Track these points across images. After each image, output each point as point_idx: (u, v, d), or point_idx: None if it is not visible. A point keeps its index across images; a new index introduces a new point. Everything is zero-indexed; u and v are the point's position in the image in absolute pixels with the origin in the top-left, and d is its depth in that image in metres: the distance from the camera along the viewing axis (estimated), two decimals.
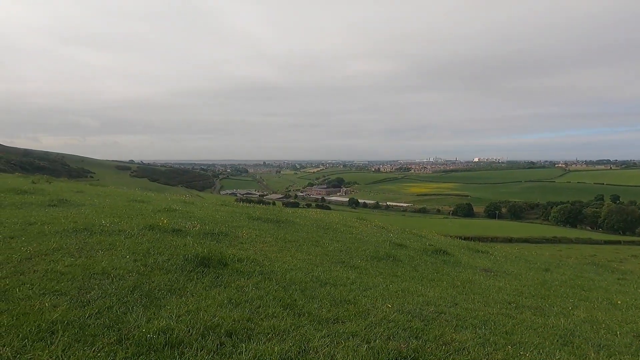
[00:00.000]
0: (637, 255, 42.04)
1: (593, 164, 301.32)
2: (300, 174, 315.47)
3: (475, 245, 13.24)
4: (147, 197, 13.78)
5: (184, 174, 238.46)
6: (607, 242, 63.70)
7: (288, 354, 3.30)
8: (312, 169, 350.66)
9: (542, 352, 3.95)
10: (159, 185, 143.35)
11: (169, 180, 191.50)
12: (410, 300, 5.24)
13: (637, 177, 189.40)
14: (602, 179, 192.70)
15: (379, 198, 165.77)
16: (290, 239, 8.51)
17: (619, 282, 9.38)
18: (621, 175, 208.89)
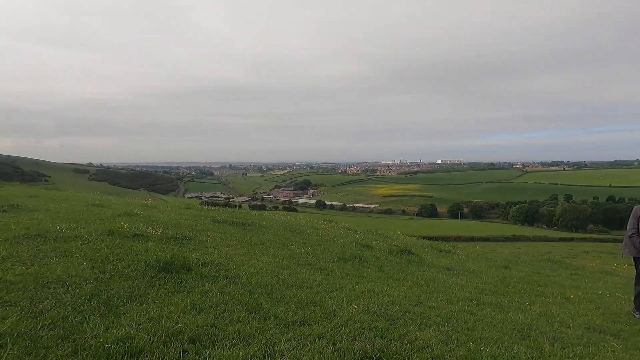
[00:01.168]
0: (589, 251, 44.38)
1: (548, 165, 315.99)
2: (267, 177, 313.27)
3: (439, 245, 13.58)
4: (106, 201, 13.27)
5: (147, 176, 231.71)
6: (562, 240, 66.87)
7: (253, 359, 3.25)
8: (279, 171, 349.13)
9: (502, 347, 4.09)
10: (119, 189, 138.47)
11: (131, 183, 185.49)
12: (376, 300, 5.30)
13: (588, 178, 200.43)
14: (556, 180, 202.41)
15: (346, 200, 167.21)
16: (256, 241, 8.43)
17: (572, 277, 9.86)
18: (574, 175, 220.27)
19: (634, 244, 6.22)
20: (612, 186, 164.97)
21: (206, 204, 27.31)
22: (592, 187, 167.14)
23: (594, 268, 13.60)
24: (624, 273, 12.46)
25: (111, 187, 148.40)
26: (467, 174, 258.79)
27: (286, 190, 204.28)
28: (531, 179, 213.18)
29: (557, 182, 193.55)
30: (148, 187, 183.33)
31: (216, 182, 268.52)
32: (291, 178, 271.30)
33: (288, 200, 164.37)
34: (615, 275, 11.56)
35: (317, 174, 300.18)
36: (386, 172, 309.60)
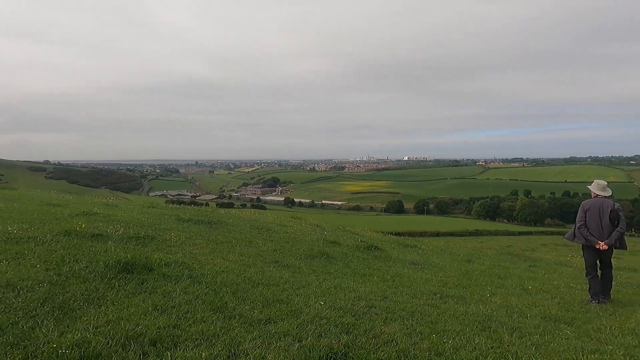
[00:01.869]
0: (546, 244, 46.45)
1: (509, 161, 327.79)
2: (234, 174, 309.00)
3: (405, 240, 13.83)
4: (63, 200, 12.69)
5: (109, 175, 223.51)
6: (521, 233, 69.65)
7: (217, 359, 3.19)
8: (246, 169, 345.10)
9: (463, 338, 4.20)
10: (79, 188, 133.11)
11: (92, 181, 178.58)
12: (342, 296, 5.33)
13: (546, 174, 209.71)
14: (516, 176, 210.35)
15: (315, 197, 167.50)
16: (222, 240, 8.30)
17: (530, 269, 10.26)
18: (532, 172, 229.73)
19: (582, 234, 6.77)
20: (567, 182, 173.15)
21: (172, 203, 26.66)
22: (549, 183, 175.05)
23: (550, 260, 14.21)
24: (578, 264, 13.09)
25: (70, 185, 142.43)
26: (433, 171, 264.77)
27: (254, 188, 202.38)
28: (493, 175, 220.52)
29: (517, 178, 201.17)
30: (110, 186, 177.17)
31: (182, 180, 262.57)
32: (259, 175, 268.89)
33: (256, 197, 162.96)
34: (569, 267, 12.13)
35: (285, 171, 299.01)
36: (354, 169, 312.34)
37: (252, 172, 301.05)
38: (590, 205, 6.81)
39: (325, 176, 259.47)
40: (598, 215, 6.68)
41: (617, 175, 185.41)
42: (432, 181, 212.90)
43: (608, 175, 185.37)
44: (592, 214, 6.73)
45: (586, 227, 6.73)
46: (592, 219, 6.72)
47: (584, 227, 6.75)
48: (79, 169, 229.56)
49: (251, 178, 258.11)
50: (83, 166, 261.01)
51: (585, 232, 6.72)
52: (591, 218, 6.73)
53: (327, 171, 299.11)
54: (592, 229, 6.70)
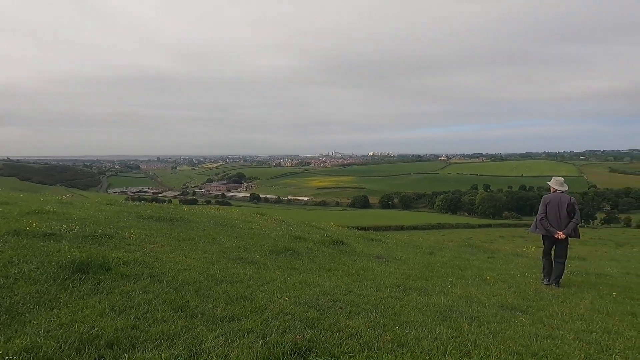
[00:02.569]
0: (504, 236, 48.49)
1: (469, 157, 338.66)
2: (198, 170, 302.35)
3: (370, 234, 14.00)
4: (12, 199, 11.99)
5: (64, 171, 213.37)
6: (481, 226, 72.33)
7: (178, 359, 3.11)
8: (211, 165, 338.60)
9: (425, 329, 4.30)
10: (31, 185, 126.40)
11: (45, 178, 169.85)
12: (308, 291, 5.32)
13: (503, 168, 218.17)
14: (476, 170, 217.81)
15: (281, 192, 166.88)
16: (184, 237, 8.10)
17: (488, 260, 10.64)
18: (491, 166, 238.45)
19: (544, 225, 7.48)
20: (524, 176, 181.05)
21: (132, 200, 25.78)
22: (507, 177, 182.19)
23: (507, 251, 14.80)
24: (532, 254, 13.73)
25: (21, 182, 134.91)
26: (397, 166, 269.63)
27: (219, 184, 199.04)
28: (454, 170, 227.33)
29: (477, 172, 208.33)
30: (66, 183, 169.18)
31: (143, 177, 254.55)
32: (224, 171, 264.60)
33: (221, 194, 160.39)
34: (525, 257, 12.67)
35: (251, 167, 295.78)
36: (320, 165, 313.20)
37: (217, 168, 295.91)
38: (551, 199, 7.51)
39: (291, 172, 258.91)
40: (557, 208, 7.41)
41: (568, 170, 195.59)
42: (396, 176, 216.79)
43: (560, 169, 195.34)
44: (552, 207, 7.45)
45: (546, 219, 7.44)
46: (552, 211, 7.44)
47: (544, 219, 7.47)
48: (30, 165, 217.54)
49: (216, 174, 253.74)
50: (35, 162, 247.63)
51: (545, 223, 7.44)
52: (551, 211, 7.44)
53: (293, 167, 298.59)
54: (552, 221, 7.43)
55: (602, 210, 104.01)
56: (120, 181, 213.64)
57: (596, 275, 8.99)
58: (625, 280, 8.78)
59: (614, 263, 14.38)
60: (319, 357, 3.38)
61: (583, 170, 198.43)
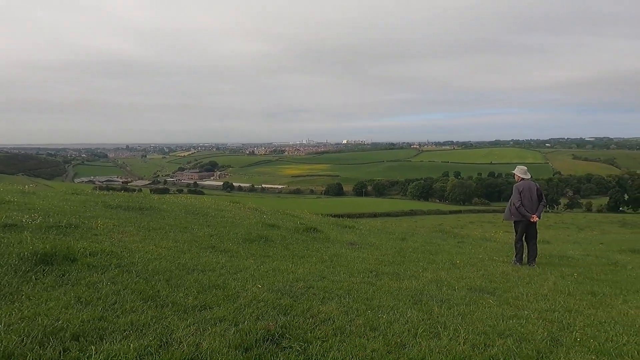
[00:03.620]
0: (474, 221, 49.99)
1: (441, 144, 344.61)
2: (169, 158, 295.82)
3: (344, 222, 14.11)
4: None
5: (27, 160, 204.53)
6: (452, 212, 74.14)
7: (148, 350, 3.05)
8: (182, 153, 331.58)
9: (397, 313, 4.38)
10: None
11: (6, 167, 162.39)
12: (281, 278, 5.32)
13: (474, 156, 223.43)
14: (447, 158, 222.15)
15: (254, 181, 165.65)
16: (155, 226, 7.93)
17: (458, 245, 10.91)
18: (462, 154, 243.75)
19: (521, 211, 8.08)
20: (493, 163, 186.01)
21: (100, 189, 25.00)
22: (477, 164, 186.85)
23: (477, 236, 15.23)
24: (501, 239, 14.19)
25: None
26: (370, 154, 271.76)
27: (191, 173, 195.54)
28: (426, 158, 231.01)
29: (448, 160, 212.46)
30: (29, 172, 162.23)
31: (112, 165, 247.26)
32: (196, 159, 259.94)
33: (193, 182, 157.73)
34: (493, 241, 13.08)
35: (224, 155, 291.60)
36: (294, 153, 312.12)
37: (189, 157, 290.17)
38: (524, 187, 8.14)
39: (265, 160, 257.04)
40: (529, 195, 8.13)
41: (535, 157, 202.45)
42: (370, 164, 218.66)
43: (527, 156, 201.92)
44: (525, 194, 8.14)
45: (522, 206, 8.06)
46: (526, 198, 8.13)
47: (522, 206, 8.07)
48: None
49: (187, 162, 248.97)
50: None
51: (522, 210, 8.08)
52: (525, 197, 8.07)
53: (267, 155, 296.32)
54: (526, 207, 8.10)
55: (566, 196, 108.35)
56: (87, 170, 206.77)
57: (559, 258, 9.37)
58: (586, 261, 9.19)
59: (576, 246, 15.06)
60: (292, 342, 3.39)
61: (548, 157, 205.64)
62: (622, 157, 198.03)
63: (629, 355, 3.71)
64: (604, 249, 13.81)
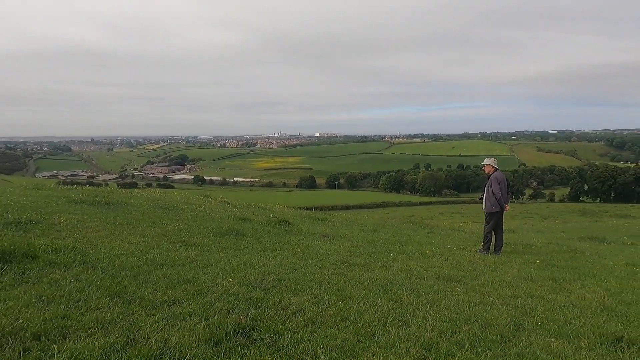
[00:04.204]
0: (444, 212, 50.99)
1: (411, 137, 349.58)
2: (137, 152, 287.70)
3: (316, 214, 14.15)
4: None
5: None
6: (422, 204, 75.47)
7: (114, 347, 2.98)
8: (151, 146, 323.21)
9: (367, 302, 4.44)
10: None
11: None
12: (252, 271, 5.30)
13: (444, 148, 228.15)
14: (418, 150, 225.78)
15: (226, 174, 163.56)
16: (122, 221, 7.72)
17: (428, 235, 11.15)
18: (432, 146, 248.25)
19: (500, 202, 8.29)
20: (461, 155, 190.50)
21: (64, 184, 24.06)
22: (446, 157, 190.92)
23: (446, 226, 15.59)
24: (469, 229, 14.59)
25: None
26: (343, 147, 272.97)
27: (160, 166, 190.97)
28: (398, 150, 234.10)
29: (419, 152, 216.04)
30: None
31: (76, 159, 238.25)
32: (165, 153, 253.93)
33: (163, 176, 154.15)
34: (462, 231, 13.43)
35: (194, 148, 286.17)
36: (267, 146, 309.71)
37: (158, 150, 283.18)
38: (501, 178, 8.42)
39: (237, 153, 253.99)
40: (504, 186, 8.42)
41: (502, 149, 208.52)
42: (342, 156, 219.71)
43: (494, 149, 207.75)
44: (502, 185, 8.37)
45: (502, 197, 8.30)
46: (503, 189, 8.37)
47: (501, 197, 8.27)
48: None
49: (157, 156, 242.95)
50: None
51: (501, 200, 8.30)
52: (502, 188, 8.34)
53: (239, 148, 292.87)
54: (503, 197, 8.35)
55: (530, 187, 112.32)
56: (49, 164, 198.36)
57: (523, 246, 9.72)
58: (548, 249, 9.57)
59: (539, 234, 15.66)
60: (263, 335, 3.39)
61: (514, 149, 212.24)
62: (583, 149, 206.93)
63: (585, 336, 3.90)
64: (565, 237, 14.42)
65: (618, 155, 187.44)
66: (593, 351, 3.60)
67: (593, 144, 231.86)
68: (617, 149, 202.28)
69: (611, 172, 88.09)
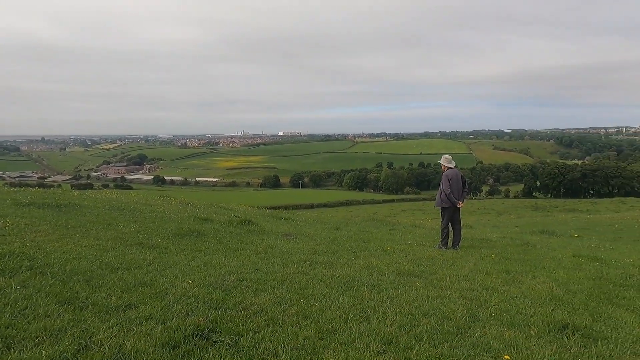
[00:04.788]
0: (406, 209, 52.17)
1: (374, 136, 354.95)
2: (92, 151, 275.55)
3: (279, 213, 14.10)
4: None
5: None
6: (385, 201, 76.84)
7: (63, 355, 2.84)
8: (107, 145, 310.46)
9: (329, 300, 4.47)
10: None
11: None
12: (213, 272, 5.21)
13: (406, 147, 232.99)
14: (381, 149, 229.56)
15: (188, 174, 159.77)
16: (74, 224, 7.38)
17: (390, 232, 11.36)
18: (395, 145, 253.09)
19: (450, 199, 8.51)
20: (422, 154, 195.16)
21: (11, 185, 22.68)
22: (408, 155, 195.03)
23: (407, 223, 15.95)
24: (429, 225, 14.99)
25: None
26: (307, 145, 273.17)
27: (117, 166, 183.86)
28: (361, 149, 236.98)
29: (382, 151, 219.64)
30: None
31: (25, 160, 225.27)
32: (123, 152, 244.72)
33: (120, 177, 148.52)
34: (422, 228, 13.78)
35: (153, 148, 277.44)
36: (229, 145, 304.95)
37: (115, 149, 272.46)
38: (452, 176, 8.62)
39: (199, 152, 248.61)
40: (456, 182, 8.60)
41: (460, 148, 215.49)
42: (306, 155, 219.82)
43: (453, 147, 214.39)
44: (454, 182, 8.55)
45: (452, 193, 8.50)
46: (455, 186, 8.58)
47: (451, 193, 8.51)
48: None
49: (113, 155, 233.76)
50: None
51: (452, 196, 8.53)
52: (453, 185, 8.56)
53: (201, 147, 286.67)
54: (454, 194, 8.56)
55: (487, 184, 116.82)
56: None
57: (480, 241, 10.10)
58: (502, 243, 9.99)
59: (495, 229, 16.32)
60: (223, 336, 3.34)
61: (472, 148, 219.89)
62: (535, 147, 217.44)
63: (535, 324, 4.11)
64: (518, 232, 15.11)
65: (567, 152, 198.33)
66: (542, 338, 3.79)
67: (544, 142, 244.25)
68: (566, 147, 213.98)
69: (560, 169, 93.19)
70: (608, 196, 74.51)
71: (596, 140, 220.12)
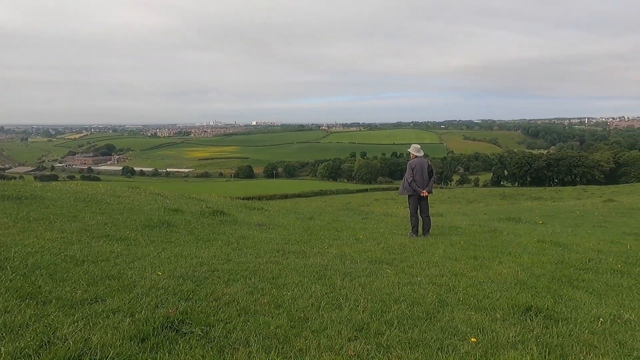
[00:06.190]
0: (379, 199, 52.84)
1: (348, 126, 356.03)
2: (57, 141, 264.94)
3: (252, 204, 13.97)
4: None
5: None
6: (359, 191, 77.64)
7: (25, 352, 2.74)
8: (73, 135, 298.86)
9: (302, 289, 4.49)
10: None
11: None
12: (183, 263, 5.13)
13: (379, 137, 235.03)
14: (354, 139, 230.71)
15: (158, 165, 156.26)
16: (37, 217, 7.09)
17: (363, 221, 11.47)
18: (368, 135, 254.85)
19: (413, 187, 8.70)
20: (395, 144, 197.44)
21: None
22: (381, 145, 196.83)
23: (380, 212, 16.14)
24: (401, 214, 15.21)
25: None
26: (280, 135, 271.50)
27: (84, 157, 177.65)
28: (335, 139, 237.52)
29: (355, 141, 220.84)
30: None
31: None
32: (90, 142, 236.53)
33: (87, 168, 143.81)
34: (394, 216, 13.98)
35: (122, 138, 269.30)
36: (201, 135, 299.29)
37: (81, 139, 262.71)
38: (416, 164, 8.76)
39: (170, 142, 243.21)
40: (421, 171, 8.75)
41: (431, 138, 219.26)
42: (280, 145, 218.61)
43: (424, 137, 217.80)
44: (417, 171, 8.71)
45: (414, 181, 8.67)
46: (418, 174, 8.74)
47: (414, 181, 8.68)
48: None
49: (79, 146, 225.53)
50: None
51: (414, 185, 8.69)
52: (417, 174, 8.71)
53: (171, 137, 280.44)
54: (418, 182, 8.73)
55: (457, 173, 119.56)
56: None
57: (450, 228, 10.34)
58: (471, 230, 10.26)
59: (464, 217, 16.72)
60: (193, 327, 3.30)
61: (443, 138, 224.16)
62: (503, 137, 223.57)
63: (501, 308, 4.25)
64: (486, 219, 15.54)
65: (533, 142, 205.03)
66: (506, 321, 3.93)
67: (512, 132, 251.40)
68: (532, 137, 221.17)
69: (527, 159, 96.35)
70: (571, 184, 77.74)
71: (560, 131, 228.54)
